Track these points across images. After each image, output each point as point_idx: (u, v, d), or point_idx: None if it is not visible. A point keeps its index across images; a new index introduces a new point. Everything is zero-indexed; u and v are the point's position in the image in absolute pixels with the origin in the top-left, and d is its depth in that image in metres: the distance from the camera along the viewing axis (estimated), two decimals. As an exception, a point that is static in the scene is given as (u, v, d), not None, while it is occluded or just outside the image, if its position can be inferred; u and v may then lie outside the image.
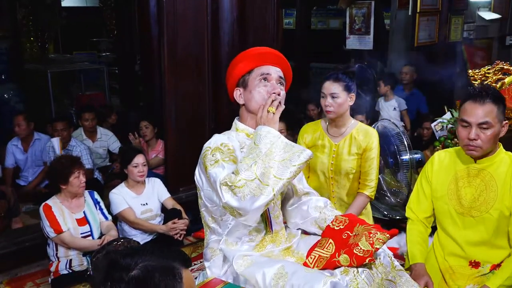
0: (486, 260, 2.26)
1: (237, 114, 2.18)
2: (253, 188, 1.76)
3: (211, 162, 1.93)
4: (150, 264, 1.14)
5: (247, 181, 1.77)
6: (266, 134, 1.86)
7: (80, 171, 3.09)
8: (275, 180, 1.78)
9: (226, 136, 2.06)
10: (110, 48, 10.31)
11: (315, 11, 10.24)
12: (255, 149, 1.83)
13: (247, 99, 2.06)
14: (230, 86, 2.14)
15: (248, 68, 2.06)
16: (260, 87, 2.03)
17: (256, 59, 2.06)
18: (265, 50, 2.10)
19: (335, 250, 1.94)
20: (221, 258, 2.02)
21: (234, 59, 2.12)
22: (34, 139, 4.80)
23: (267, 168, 1.78)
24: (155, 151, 4.80)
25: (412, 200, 2.49)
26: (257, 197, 1.76)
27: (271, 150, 1.82)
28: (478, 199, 2.23)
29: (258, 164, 1.79)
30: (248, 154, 1.84)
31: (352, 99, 2.84)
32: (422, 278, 2.22)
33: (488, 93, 2.12)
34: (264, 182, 1.77)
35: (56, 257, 3.08)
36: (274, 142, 1.84)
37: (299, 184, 2.26)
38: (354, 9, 6.31)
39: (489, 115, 2.10)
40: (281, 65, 2.11)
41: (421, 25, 5.96)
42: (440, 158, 2.40)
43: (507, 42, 7.46)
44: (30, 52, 8.03)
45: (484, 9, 7.15)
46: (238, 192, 1.76)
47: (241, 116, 2.14)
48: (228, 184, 1.79)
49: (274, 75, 2.05)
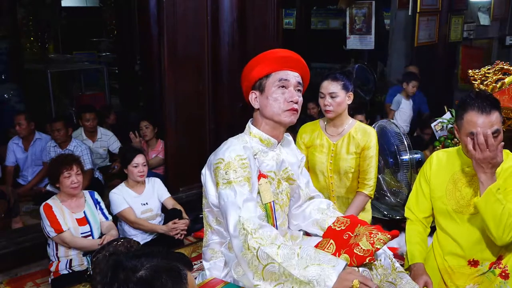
0: (485, 258, 2.27)
1: (237, 114, 2.18)
2: (254, 262, 1.77)
3: (223, 181, 1.89)
4: (157, 265, 1.14)
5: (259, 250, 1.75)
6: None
7: (71, 171, 3.05)
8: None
9: (241, 144, 1.98)
10: (110, 48, 10.31)
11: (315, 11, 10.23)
12: (294, 270, 1.71)
13: (263, 104, 2.00)
14: (245, 87, 2.08)
15: (266, 71, 2.00)
16: (277, 93, 1.97)
17: (274, 62, 1.99)
18: (285, 54, 2.03)
19: (335, 250, 1.95)
20: (222, 261, 2.02)
21: (252, 60, 2.05)
22: (35, 138, 4.81)
23: (285, 280, 1.72)
24: (155, 151, 4.81)
25: (411, 201, 2.48)
26: (246, 266, 1.79)
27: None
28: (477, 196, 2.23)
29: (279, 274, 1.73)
30: (287, 258, 1.73)
31: (350, 98, 2.85)
32: (421, 278, 2.22)
33: (490, 101, 2.09)
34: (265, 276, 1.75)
35: (56, 257, 3.08)
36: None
37: (306, 188, 2.25)
38: (354, 9, 6.31)
39: (498, 123, 2.08)
40: (300, 69, 2.05)
41: (421, 25, 5.96)
42: (438, 158, 2.39)
43: (507, 42, 7.46)
44: (30, 52, 8.04)
45: (484, 9, 7.15)
46: (246, 242, 1.77)
47: (255, 119, 2.08)
48: (247, 229, 1.79)
49: (292, 81, 1.99)
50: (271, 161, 2.04)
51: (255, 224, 1.80)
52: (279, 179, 2.07)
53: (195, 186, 4.16)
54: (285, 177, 2.10)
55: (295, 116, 2.01)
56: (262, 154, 2.02)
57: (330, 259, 1.74)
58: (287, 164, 2.10)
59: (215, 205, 1.99)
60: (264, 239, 1.77)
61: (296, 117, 2.02)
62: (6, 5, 6.36)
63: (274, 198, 2.02)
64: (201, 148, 4.08)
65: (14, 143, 4.78)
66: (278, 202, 2.06)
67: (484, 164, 2.03)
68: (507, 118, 3.08)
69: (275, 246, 1.75)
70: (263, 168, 2.00)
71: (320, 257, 1.73)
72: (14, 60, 6.39)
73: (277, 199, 2.05)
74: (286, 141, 2.16)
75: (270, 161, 2.03)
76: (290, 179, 2.12)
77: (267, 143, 2.03)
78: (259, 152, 2.00)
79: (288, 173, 2.11)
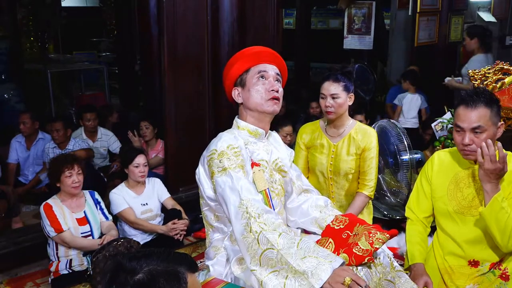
0: (485, 259, 2.26)
1: (237, 114, 2.19)
2: (254, 246, 1.79)
3: (219, 169, 1.95)
4: (155, 268, 1.14)
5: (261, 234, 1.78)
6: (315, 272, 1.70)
7: (73, 171, 3.05)
8: (267, 276, 1.76)
9: (232, 135, 2.07)
10: (110, 48, 10.31)
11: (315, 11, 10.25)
12: (292, 259, 1.73)
13: (245, 97, 2.10)
14: (227, 86, 2.17)
15: (245, 67, 2.10)
16: (258, 85, 2.07)
17: (251, 58, 2.10)
18: (260, 49, 2.14)
19: (334, 249, 1.95)
20: (225, 256, 2.03)
21: (229, 60, 2.16)
22: (38, 138, 4.83)
23: (281, 268, 1.74)
24: (155, 151, 4.81)
25: (411, 200, 2.48)
26: (245, 250, 1.82)
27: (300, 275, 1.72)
28: (477, 198, 2.23)
29: (282, 263, 1.75)
30: (286, 246, 1.76)
31: (351, 99, 2.84)
32: (421, 278, 2.22)
33: (479, 97, 2.10)
34: (261, 263, 1.77)
35: (56, 257, 3.08)
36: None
37: (297, 181, 2.28)
38: (353, 9, 6.31)
39: (482, 119, 2.09)
40: (276, 62, 2.15)
41: (421, 25, 5.96)
42: (440, 158, 2.39)
43: (507, 42, 7.46)
44: (30, 52, 8.03)
45: (484, 9, 7.15)
46: (249, 225, 1.80)
47: (240, 114, 2.16)
48: (251, 213, 1.82)
49: (271, 72, 2.10)
50: (262, 151, 2.10)
51: (259, 209, 1.84)
52: (271, 169, 2.12)
53: (195, 186, 4.11)
54: (276, 169, 2.15)
55: (278, 105, 2.09)
56: (252, 144, 2.09)
57: (329, 254, 1.77)
58: (277, 156, 2.17)
59: (211, 198, 2.02)
60: (267, 225, 1.80)
61: (279, 107, 2.10)
62: (6, 5, 6.37)
63: (269, 185, 2.06)
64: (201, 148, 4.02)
65: (17, 141, 4.81)
66: (274, 190, 2.10)
67: (492, 175, 2.05)
68: (507, 118, 3.08)
69: (276, 233, 1.79)
70: (254, 157, 2.06)
71: (319, 251, 1.76)
72: (14, 60, 6.40)
73: (272, 187, 2.09)
74: (272, 136, 2.24)
75: (260, 151, 2.10)
76: (281, 171, 2.17)
77: (255, 133, 2.11)
78: (249, 143, 2.08)
79: (279, 165, 2.15)
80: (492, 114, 2.11)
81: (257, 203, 1.86)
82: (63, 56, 9.13)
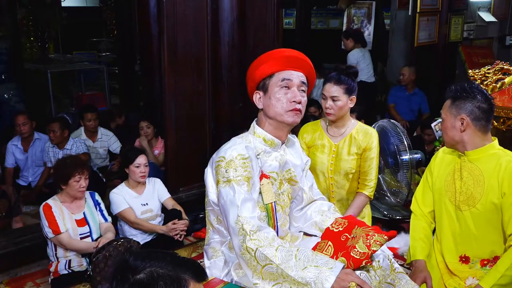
0: (476, 255, 2.28)
1: (237, 114, 2.18)
2: (253, 262, 1.80)
3: (223, 179, 1.91)
4: (158, 270, 1.12)
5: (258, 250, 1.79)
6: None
7: (82, 176, 3.05)
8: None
9: (243, 143, 1.98)
10: (110, 48, 10.31)
11: (315, 11, 10.23)
12: (292, 272, 1.74)
13: (266, 104, 1.99)
14: (250, 87, 2.07)
15: (270, 71, 1.98)
16: (280, 93, 1.95)
17: (278, 62, 1.97)
18: (289, 53, 2.00)
19: (333, 252, 1.95)
20: (222, 260, 2.02)
21: (256, 60, 2.03)
22: (34, 139, 4.78)
23: (284, 281, 1.75)
24: (157, 148, 4.85)
25: (418, 192, 2.52)
26: (245, 265, 1.83)
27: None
28: (465, 193, 2.25)
29: (277, 273, 1.76)
30: (285, 260, 1.76)
31: (352, 101, 2.82)
32: (421, 273, 2.24)
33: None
34: (264, 275, 1.78)
35: (55, 257, 3.08)
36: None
37: (309, 191, 2.25)
38: (353, 9, 6.31)
39: (443, 109, 2.26)
40: (305, 69, 2.02)
41: (421, 25, 5.96)
42: (444, 152, 2.44)
43: (507, 42, 7.47)
44: (30, 52, 8.03)
45: (484, 9, 7.16)
46: (244, 243, 1.81)
47: (259, 119, 2.07)
48: (246, 230, 1.82)
49: (296, 81, 1.97)
50: (274, 162, 2.03)
51: (253, 226, 1.82)
52: (281, 180, 2.07)
53: (195, 186, 4.16)
54: (287, 178, 2.10)
55: (299, 116, 1.99)
56: (265, 154, 2.01)
57: (328, 261, 1.76)
58: (290, 166, 2.10)
59: (215, 203, 2.00)
60: (261, 241, 1.79)
61: (299, 117, 2.00)
62: (6, 5, 6.37)
63: (276, 199, 2.02)
64: (201, 148, 4.09)
65: (13, 144, 4.74)
66: (280, 203, 2.06)
67: None
68: (507, 118, 3.08)
69: (273, 248, 1.78)
70: (265, 168, 2.00)
71: (318, 259, 1.76)
72: (14, 60, 6.39)
73: (278, 199, 2.05)
74: (290, 142, 2.16)
75: (273, 162, 2.03)
76: (292, 180, 2.12)
77: (270, 143, 2.03)
78: (262, 152, 2.00)
79: (291, 174, 2.10)
80: (452, 106, 2.25)
81: (252, 220, 1.84)
82: (63, 56, 9.14)
